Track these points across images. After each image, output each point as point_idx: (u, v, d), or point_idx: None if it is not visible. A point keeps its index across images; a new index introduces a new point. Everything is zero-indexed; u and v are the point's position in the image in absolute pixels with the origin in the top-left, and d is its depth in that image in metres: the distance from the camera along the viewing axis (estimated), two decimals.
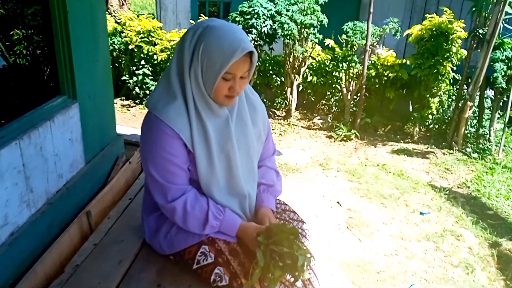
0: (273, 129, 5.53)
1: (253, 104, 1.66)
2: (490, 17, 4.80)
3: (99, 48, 2.41)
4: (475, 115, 5.47)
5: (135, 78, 6.18)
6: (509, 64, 4.92)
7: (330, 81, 5.97)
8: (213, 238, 1.55)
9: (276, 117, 6.05)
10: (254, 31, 5.30)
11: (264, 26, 5.30)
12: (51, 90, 2.17)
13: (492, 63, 4.93)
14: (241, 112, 1.59)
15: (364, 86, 5.53)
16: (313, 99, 6.34)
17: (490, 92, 5.38)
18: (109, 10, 7.50)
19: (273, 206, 1.71)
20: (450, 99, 5.60)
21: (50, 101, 2.07)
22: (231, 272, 1.47)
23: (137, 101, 6.33)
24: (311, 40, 5.52)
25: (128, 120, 5.66)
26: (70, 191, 2.10)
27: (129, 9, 8.84)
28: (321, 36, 5.47)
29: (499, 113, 5.34)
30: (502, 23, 4.74)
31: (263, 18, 5.31)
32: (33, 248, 1.81)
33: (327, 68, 5.92)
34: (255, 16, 5.29)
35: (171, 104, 1.45)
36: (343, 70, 5.73)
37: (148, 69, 6.19)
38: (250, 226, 1.56)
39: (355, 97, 5.76)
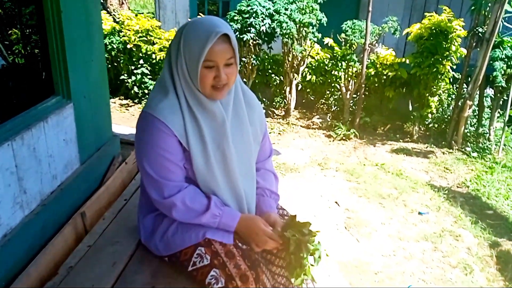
0: (272, 128, 5.52)
1: (250, 102, 1.65)
2: (489, 16, 4.78)
3: (94, 48, 2.39)
4: (475, 114, 5.44)
5: (133, 78, 6.16)
6: (509, 63, 4.89)
7: (329, 80, 5.95)
8: (209, 239, 1.54)
9: (275, 116, 6.03)
10: (253, 30, 5.28)
11: (262, 25, 5.28)
12: (46, 90, 2.15)
13: (491, 61, 4.90)
14: (237, 111, 1.58)
15: (363, 85, 5.51)
16: (312, 98, 6.32)
17: (489, 91, 5.35)
18: (109, 9, 7.48)
19: (276, 212, 1.71)
20: (449, 98, 5.58)
21: (43, 101, 2.06)
22: (226, 275, 1.46)
23: (135, 101, 6.31)
24: (310, 39, 5.50)
25: (127, 120, 5.64)
26: (64, 192, 2.09)
27: (129, 8, 8.82)
28: (320, 35, 5.45)
29: (498, 112, 5.32)
30: (501, 21, 4.71)
31: (262, 17, 5.29)
32: (26, 250, 1.80)
33: (326, 67, 5.89)
34: (254, 15, 5.27)
35: (164, 102, 1.46)
36: (342, 69, 5.71)
37: (147, 69, 6.17)
38: (255, 216, 1.58)
39: (354, 96, 5.74)
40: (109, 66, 6.06)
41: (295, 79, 5.74)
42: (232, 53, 1.45)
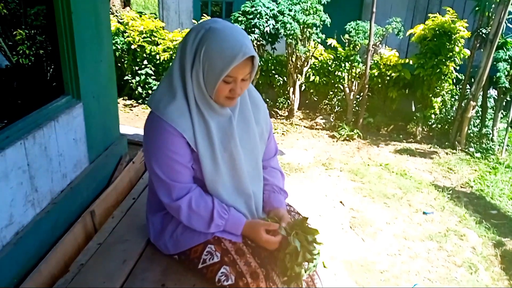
0: (275, 129, 5.53)
1: (255, 102, 1.66)
2: (493, 17, 4.79)
3: (103, 48, 2.41)
4: (478, 114, 5.46)
5: (137, 78, 6.19)
6: None
7: (332, 81, 5.96)
8: (219, 237, 1.55)
9: (279, 117, 6.05)
10: (257, 31, 5.30)
11: (266, 26, 5.31)
12: (55, 90, 2.17)
13: (495, 62, 4.92)
14: (244, 111, 1.59)
15: (366, 86, 5.53)
16: (316, 99, 6.33)
17: (493, 92, 5.37)
18: (111, 10, 7.51)
19: (285, 208, 1.72)
20: (453, 99, 5.60)
21: (54, 101, 2.07)
22: (237, 272, 1.47)
23: (139, 101, 6.34)
24: (313, 40, 5.52)
25: (131, 120, 5.67)
26: (74, 190, 2.10)
27: (131, 9, 8.85)
28: (323, 36, 5.48)
29: (502, 113, 5.34)
30: (505, 22, 4.73)
31: (266, 18, 5.31)
32: (37, 248, 1.82)
33: (329, 68, 5.91)
34: (258, 16, 5.30)
35: (173, 104, 1.46)
36: (345, 70, 5.72)
37: (151, 69, 6.20)
38: (257, 222, 1.56)
39: (357, 97, 5.76)
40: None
41: (299, 79, 5.76)
42: (251, 69, 1.45)
